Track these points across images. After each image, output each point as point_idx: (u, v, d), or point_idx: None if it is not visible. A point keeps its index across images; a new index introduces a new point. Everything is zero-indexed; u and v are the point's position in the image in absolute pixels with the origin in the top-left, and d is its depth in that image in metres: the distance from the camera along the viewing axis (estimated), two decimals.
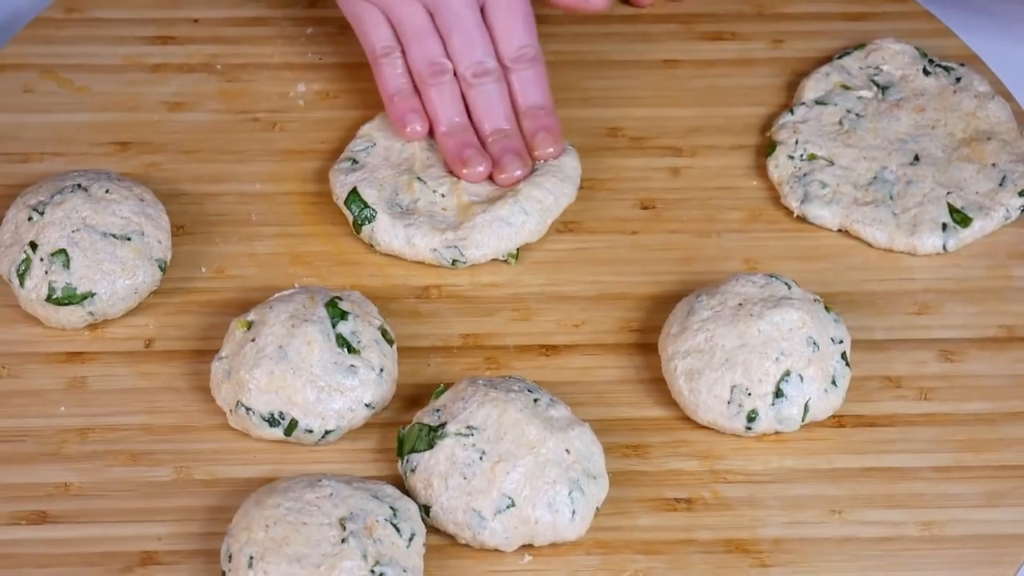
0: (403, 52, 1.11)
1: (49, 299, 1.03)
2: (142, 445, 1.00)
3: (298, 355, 0.99)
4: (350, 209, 1.09)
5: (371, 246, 1.08)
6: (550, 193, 1.08)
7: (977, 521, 0.97)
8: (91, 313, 1.04)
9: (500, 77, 1.10)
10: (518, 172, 1.08)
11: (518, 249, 1.08)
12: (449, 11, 1.09)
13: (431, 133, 1.11)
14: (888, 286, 1.08)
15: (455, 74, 1.10)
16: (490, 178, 1.10)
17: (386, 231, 1.08)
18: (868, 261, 1.09)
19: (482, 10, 1.10)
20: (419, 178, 1.10)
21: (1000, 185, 1.10)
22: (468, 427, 0.96)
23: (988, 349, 1.04)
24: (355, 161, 1.11)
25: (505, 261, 1.08)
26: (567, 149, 1.11)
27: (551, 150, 1.09)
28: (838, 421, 1.01)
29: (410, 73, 1.11)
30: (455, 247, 1.07)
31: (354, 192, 1.09)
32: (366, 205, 1.08)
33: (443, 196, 1.10)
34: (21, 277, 1.04)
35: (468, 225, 1.07)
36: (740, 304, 1.01)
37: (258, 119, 1.16)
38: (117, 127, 1.15)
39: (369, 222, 1.08)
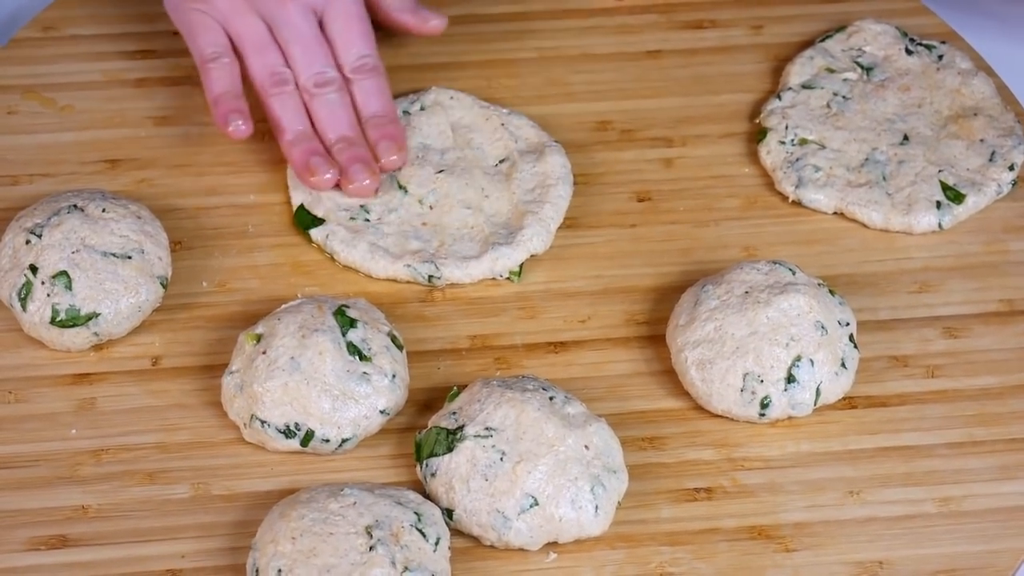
0: (237, 61, 1.10)
1: (53, 322, 1.02)
2: (157, 463, 0.99)
3: (311, 365, 0.98)
4: (299, 220, 1.09)
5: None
6: (543, 230, 1.08)
7: (994, 494, 0.98)
8: (96, 334, 1.03)
9: (342, 87, 1.10)
10: (366, 181, 1.08)
11: (520, 266, 1.08)
12: (287, 23, 1.09)
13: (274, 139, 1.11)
14: (887, 266, 1.09)
15: (296, 85, 1.10)
16: (337, 186, 1.09)
17: (344, 244, 1.08)
18: (865, 242, 1.10)
19: (320, 23, 1.10)
20: (400, 186, 1.10)
21: (990, 160, 1.11)
22: (487, 428, 0.96)
23: (991, 324, 1.05)
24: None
25: (507, 279, 1.08)
26: (550, 146, 1.11)
27: (394, 158, 1.09)
28: (849, 403, 1.02)
29: (242, 81, 1.10)
30: (432, 263, 1.07)
31: (301, 209, 1.09)
32: (316, 218, 1.09)
33: (430, 208, 1.10)
34: (23, 301, 1.03)
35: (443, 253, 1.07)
36: (747, 292, 1.01)
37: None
38: (105, 144, 1.14)
39: (320, 227, 1.08)
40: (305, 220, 1.09)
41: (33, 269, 1.03)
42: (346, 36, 1.10)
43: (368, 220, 1.09)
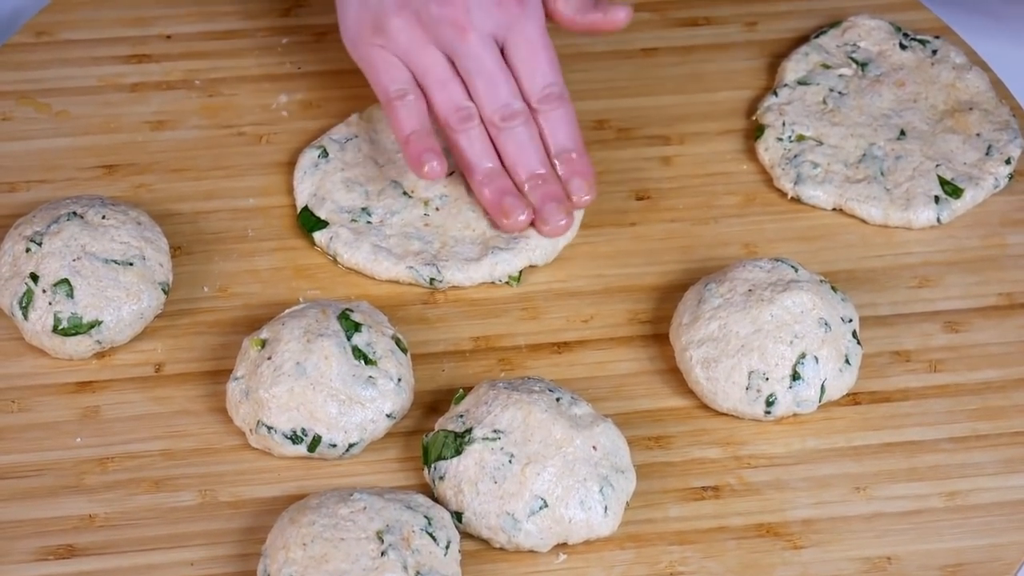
0: (423, 98, 1.07)
1: (55, 330, 1.02)
2: (163, 471, 0.99)
3: (316, 370, 0.98)
4: (303, 223, 1.09)
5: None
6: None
7: (1000, 488, 0.98)
8: (98, 341, 1.03)
9: (528, 119, 1.06)
10: (562, 222, 1.06)
11: (520, 271, 1.08)
12: (469, 55, 1.05)
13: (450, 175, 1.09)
14: (887, 261, 1.09)
15: (482, 119, 1.06)
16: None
17: (347, 246, 1.08)
18: (865, 238, 1.10)
19: (503, 51, 1.07)
20: (405, 193, 1.10)
21: (987, 154, 1.12)
22: (495, 431, 0.96)
23: (992, 317, 1.06)
24: (326, 152, 1.11)
25: (506, 283, 1.08)
26: None
27: (587, 198, 1.06)
28: (853, 399, 1.02)
29: (427, 116, 1.06)
30: (433, 265, 1.07)
31: (305, 211, 1.09)
32: (319, 220, 1.09)
33: (436, 210, 1.10)
34: (24, 309, 1.02)
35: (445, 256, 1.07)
36: (750, 290, 1.02)
37: (244, 133, 1.15)
38: (101, 150, 1.14)
39: (324, 230, 1.08)
40: (309, 222, 1.09)
41: (34, 277, 1.03)
42: (530, 64, 1.06)
43: (370, 222, 1.09)
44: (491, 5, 1.05)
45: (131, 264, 1.04)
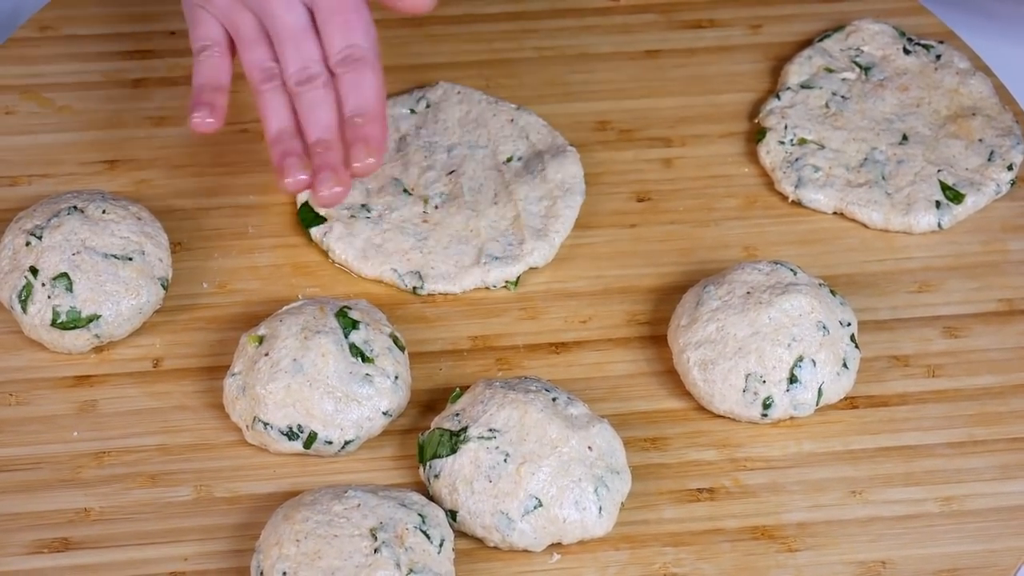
0: (228, 56, 1.05)
1: (54, 324, 1.02)
2: (159, 466, 0.99)
3: (313, 367, 0.98)
4: (302, 218, 1.09)
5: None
6: (548, 245, 1.08)
7: (996, 494, 0.98)
8: (97, 336, 1.03)
9: (327, 83, 1.02)
10: (336, 189, 0.99)
11: (517, 277, 1.08)
12: (274, 16, 1.03)
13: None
14: (887, 266, 1.09)
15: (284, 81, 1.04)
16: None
17: (340, 240, 1.08)
18: (865, 242, 1.10)
19: (314, 16, 1.04)
20: (405, 190, 1.10)
21: (989, 160, 1.12)
22: (490, 430, 0.96)
23: (991, 323, 1.06)
24: None
25: (504, 287, 1.08)
26: (567, 152, 1.11)
27: (370, 161, 1.00)
28: (851, 403, 1.02)
29: (225, 73, 1.05)
30: (416, 273, 1.07)
31: (305, 206, 1.09)
32: (318, 215, 1.09)
33: (435, 208, 1.10)
34: (23, 303, 1.03)
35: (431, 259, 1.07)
36: (748, 292, 1.02)
37: (246, 130, 1.15)
38: (103, 145, 1.14)
39: (320, 226, 1.08)
40: (308, 217, 1.09)
41: (33, 271, 1.03)
42: (331, 26, 1.03)
43: (369, 217, 1.09)
44: None
45: (131, 259, 1.04)
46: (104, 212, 1.05)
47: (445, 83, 1.15)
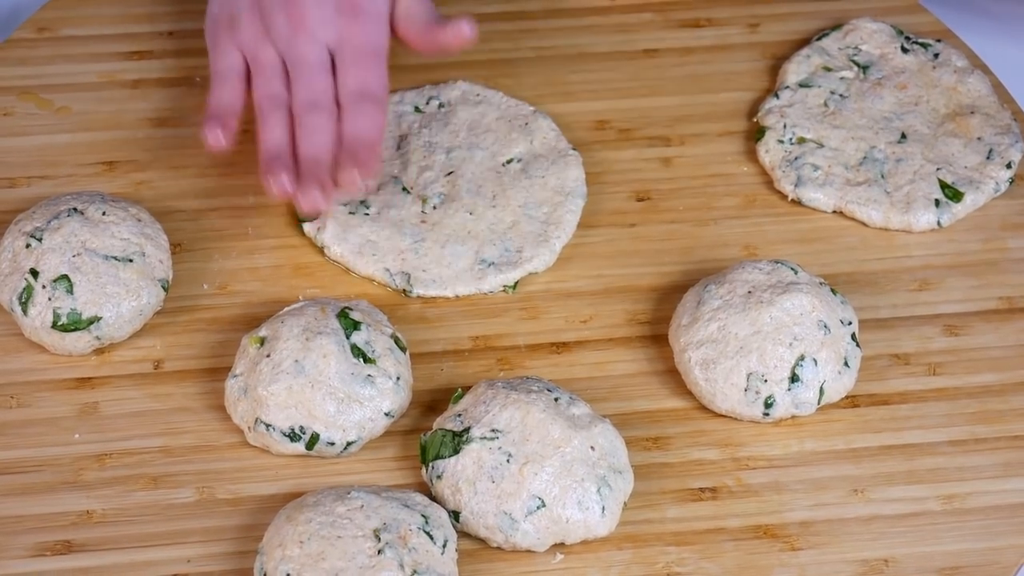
0: (244, 83, 1.08)
1: (55, 326, 1.02)
2: (161, 468, 0.99)
3: (315, 368, 0.98)
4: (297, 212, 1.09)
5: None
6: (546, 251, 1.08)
7: (997, 491, 0.98)
8: (98, 338, 1.03)
9: (331, 115, 1.05)
10: (316, 201, 1.02)
11: (516, 281, 1.08)
12: (296, 53, 1.07)
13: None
14: (887, 264, 1.09)
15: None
16: None
17: (334, 238, 1.08)
18: (865, 241, 1.10)
19: (334, 60, 1.08)
20: (404, 188, 1.10)
21: (987, 158, 1.12)
22: (493, 430, 0.96)
23: (991, 321, 1.06)
24: None
25: (502, 291, 1.08)
26: (568, 155, 1.11)
27: (351, 171, 1.03)
28: (852, 401, 1.02)
29: (240, 98, 1.08)
30: (406, 275, 1.07)
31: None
32: None
33: (433, 208, 1.10)
34: (24, 305, 1.02)
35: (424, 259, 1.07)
36: (749, 292, 1.02)
37: (245, 130, 1.14)
38: (102, 146, 1.14)
39: (313, 221, 1.09)
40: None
41: (34, 273, 1.03)
42: (351, 68, 1.06)
43: (367, 214, 1.09)
44: (331, 14, 1.07)
45: (131, 261, 1.04)
46: (104, 214, 1.05)
47: (464, 83, 1.15)
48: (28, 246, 1.03)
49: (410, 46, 1.09)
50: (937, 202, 1.10)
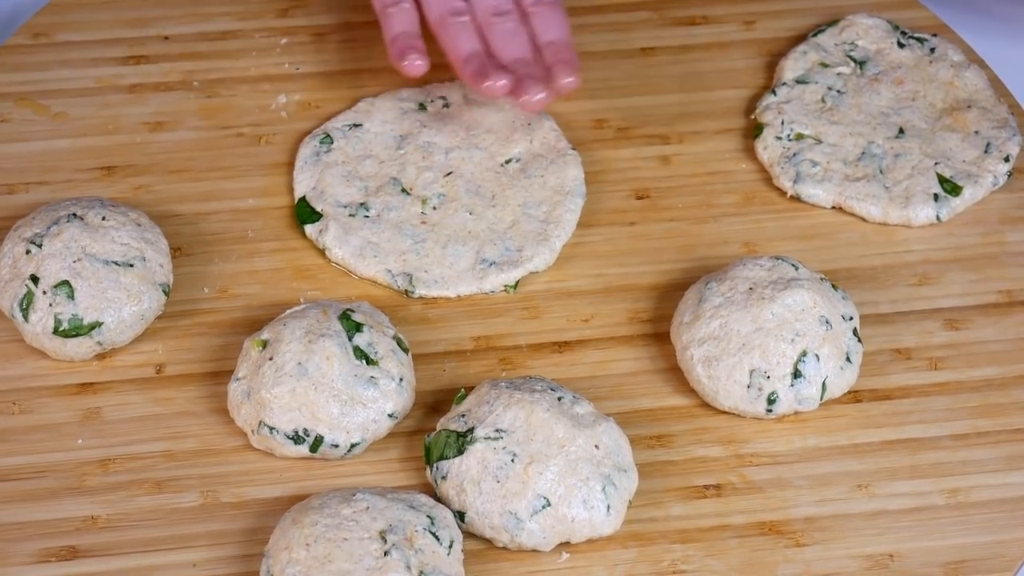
0: (416, 9, 1.10)
1: (56, 332, 1.02)
2: (165, 472, 0.99)
3: (318, 370, 0.98)
4: (299, 213, 1.09)
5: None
6: (547, 249, 1.08)
7: (1001, 485, 0.98)
8: (99, 343, 1.03)
9: (519, 18, 1.10)
10: (541, 95, 1.07)
11: (516, 281, 1.08)
12: None
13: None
14: (887, 259, 1.09)
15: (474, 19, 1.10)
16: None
17: (336, 240, 1.08)
18: (864, 236, 1.10)
19: None
20: (404, 190, 1.10)
21: (985, 152, 1.12)
22: (497, 430, 0.96)
23: (991, 315, 1.06)
24: (330, 140, 1.11)
25: (503, 291, 1.08)
26: (568, 155, 1.11)
27: (569, 80, 1.07)
28: (854, 397, 1.02)
29: (418, 23, 1.10)
30: (408, 276, 1.07)
31: (302, 202, 1.10)
32: (315, 211, 1.09)
33: (433, 209, 1.10)
34: (25, 312, 1.02)
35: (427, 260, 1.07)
36: (750, 288, 1.02)
37: (242, 134, 1.15)
38: (100, 151, 1.14)
39: (315, 223, 1.09)
40: (304, 213, 1.09)
41: (34, 279, 1.02)
42: None
43: (368, 216, 1.09)
44: None
45: (131, 265, 1.03)
46: (104, 219, 1.05)
47: None
48: (28, 252, 1.03)
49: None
50: (936, 196, 1.10)
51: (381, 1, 1.10)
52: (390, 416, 0.99)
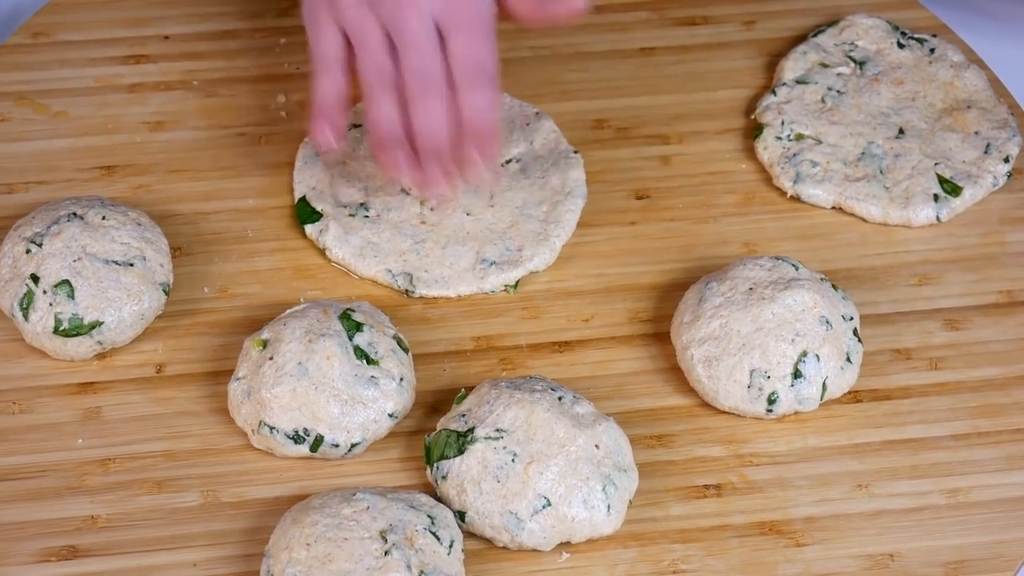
0: (348, 76, 1.05)
1: (56, 331, 1.02)
2: (165, 472, 0.99)
3: (318, 370, 0.98)
4: (299, 213, 1.09)
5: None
6: (548, 248, 1.08)
7: (1001, 485, 0.99)
8: (100, 342, 1.03)
9: (443, 93, 1.03)
10: (440, 184, 1.03)
11: (517, 280, 1.08)
12: (404, 29, 1.03)
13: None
14: (887, 259, 1.09)
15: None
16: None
17: (336, 240, 1.08)
18: (864, 236, 1.10)
19: (443, 37, 1.04)
20: (403, 190, 1.10)
21: (985, 152, 1.12)
22: (497, 430, 0.96)
23: (991, 315, 1.06)
24: None
25: (504, 291, 1.08)
26: (569, 157, 1.12)
27: (480, 173, 1.03)
28: (854, 397, 1.02)
29: (345, 96, 1.06)
30: (409, 275, 1.07)
31: (302, 202, 1.10)
32: (315, 211, 1.09)
33: (431, 210, 1.10)
34: (25, 311, 1.02)
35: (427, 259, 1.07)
36: (751, 288, 1.02)
37: (243, 133, 1.15)
38: (100, 151, 1.14)
39: (316, 223, 1.09)
40: (304, 213, 1.09)
41: (35, 278, 1.02)
42: (460, 43, 1.03)
43: (368, 216, 1.09)
44: None
45: (132, 265, 1.03)
46: (104, 218, 1.05)
47: None
48: (28, 251, 1.03)
49: (517, 19, 1.06)
50: (936, 197, 1.10)
51: (316, 62, 1.06)
52: (390, 416, 0.99)
